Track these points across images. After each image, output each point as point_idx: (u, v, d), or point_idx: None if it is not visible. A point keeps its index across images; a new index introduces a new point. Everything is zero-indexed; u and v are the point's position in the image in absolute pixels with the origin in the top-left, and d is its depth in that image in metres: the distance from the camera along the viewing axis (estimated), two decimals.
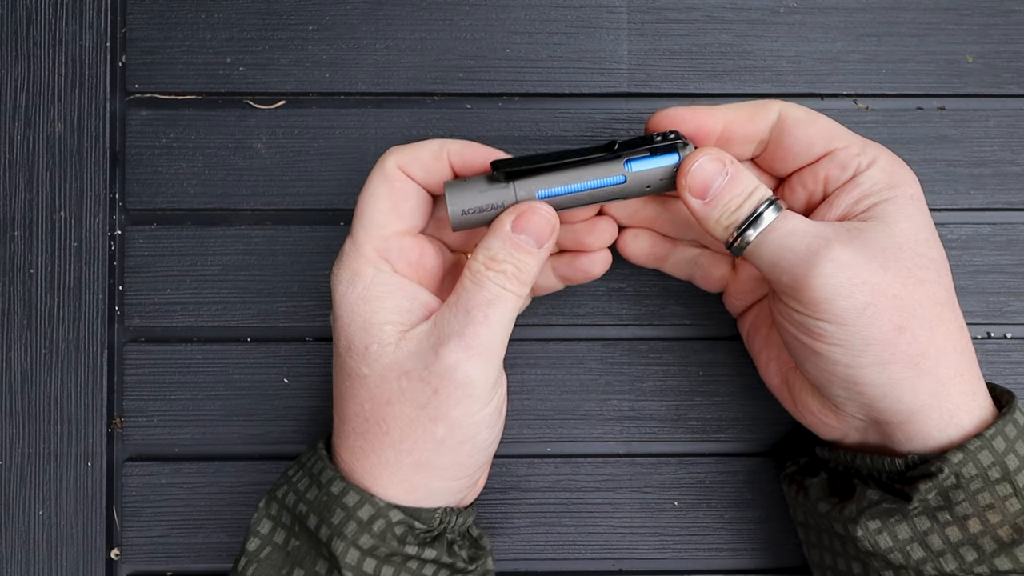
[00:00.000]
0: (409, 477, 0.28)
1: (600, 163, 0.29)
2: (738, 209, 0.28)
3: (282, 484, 0.30)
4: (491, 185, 0.28)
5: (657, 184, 0.29)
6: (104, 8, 0.37)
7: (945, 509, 0.27)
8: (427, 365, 0.27)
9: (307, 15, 0.37)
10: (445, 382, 0.27)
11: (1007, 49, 0.37)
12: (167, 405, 0.36)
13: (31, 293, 0.36)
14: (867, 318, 0.26)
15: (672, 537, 0.36)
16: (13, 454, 0.36)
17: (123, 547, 0.36)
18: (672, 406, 0.37)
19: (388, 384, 0.28)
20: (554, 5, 0.37)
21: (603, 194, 0.29)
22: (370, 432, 0.28)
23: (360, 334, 0.28)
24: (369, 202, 0.29)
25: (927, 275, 0.27)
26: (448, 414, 0.27)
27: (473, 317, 0.27)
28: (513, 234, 0.28)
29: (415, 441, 0.28)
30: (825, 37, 0.37)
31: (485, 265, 0.28)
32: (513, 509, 0.36)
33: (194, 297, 0.36)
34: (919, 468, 0.28)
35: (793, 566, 0.36)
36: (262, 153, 0.37)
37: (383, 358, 0.28)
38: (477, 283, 0.28)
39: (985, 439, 0.27)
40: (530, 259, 0.28)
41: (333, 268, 0.29)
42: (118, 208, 0.37)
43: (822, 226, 0.28)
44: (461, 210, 0.28)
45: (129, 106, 0.37)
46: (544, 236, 0.28)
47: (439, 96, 0.37)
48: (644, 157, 0.29)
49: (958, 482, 0.27)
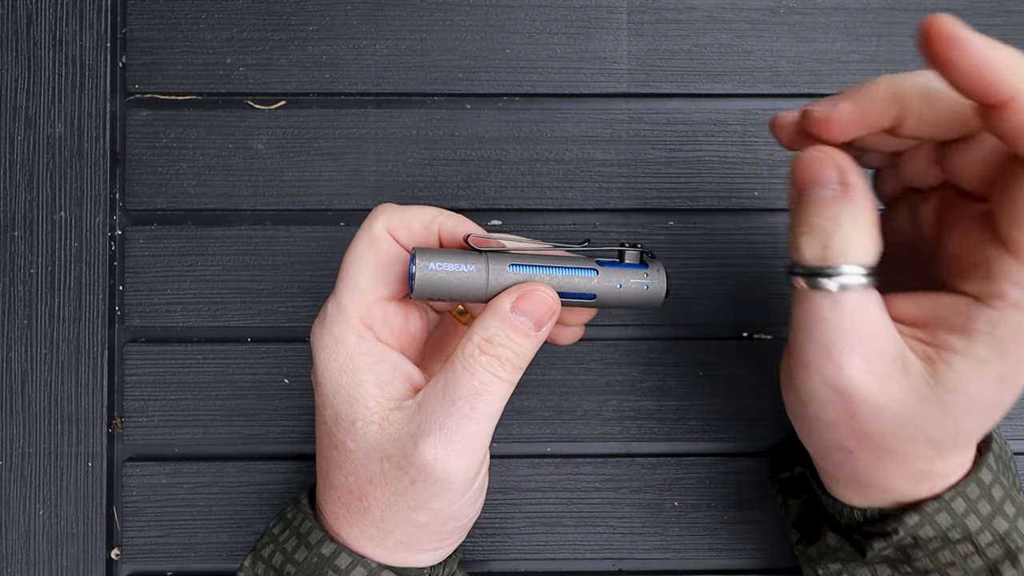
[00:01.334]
0: (394, 550, 0.28)
1: (572, 256, 0.28)
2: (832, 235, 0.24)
3: (268, 543, 0.29)
4: (463, 253, 0.27)
5: (628, 286, 0.28)
6: (104, 8, 0.37)
7: (904, 563, 0.26)
8: (406, 455, 0.26)
9: (307, 15, 0.37)
10: (423, 476, 0.26)
11: None
12: (167, 405, 0.36)
13: (31, 293, 0.36)
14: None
15: (672, 537, 0.36)
16: (13, 454, 0.36)
17: (123, 547, 0.36)
18: (672, 406, 0.37)
19: (371, 464, 0.26)
20: (554, 5, 0.37)
21: (575, 283, 0.28)
22: (354, 505, 0.27)
23: (346, 408, 0.27)
24: (355, 265, 0.27)
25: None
26: (428, 505, 0.26)
27: (459, 408, 0.25)
28: (513, 315, 0.26)
29: (396, 524, 0.27)
30: (825, 37, 0.37)
31: (480, 348, 0.26)
32: (513, 509, 0.36)
33: (194, 297, 0.36)
34: (876, 525, 0.27)
35: (793, 566, 0.36)
36: (262, 153, 0.37)
37: (368, 436, 0.26)
38: (468, 369, 0.26)
39: (944, 501, 0.25)
40: (527, 343, 0.27)
41: (314, 328, 0.28)
42: (118, 208, 0.37)
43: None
44: (428, 266, 0.26)
45: (129, 106, 0.37)
46: (544, 319, 0.27)
47: (439, 96, 0.37)
48: (613, 262, 0.29)
49: (915, 542, 0.26)
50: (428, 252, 0.27)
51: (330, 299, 0.28)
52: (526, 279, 0.27)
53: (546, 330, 0.27)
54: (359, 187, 0.37)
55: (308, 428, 0.36)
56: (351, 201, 0.37)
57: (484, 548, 0.36)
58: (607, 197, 0.37)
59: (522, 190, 0.37)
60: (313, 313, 0.36)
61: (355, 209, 0.37)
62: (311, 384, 0.36)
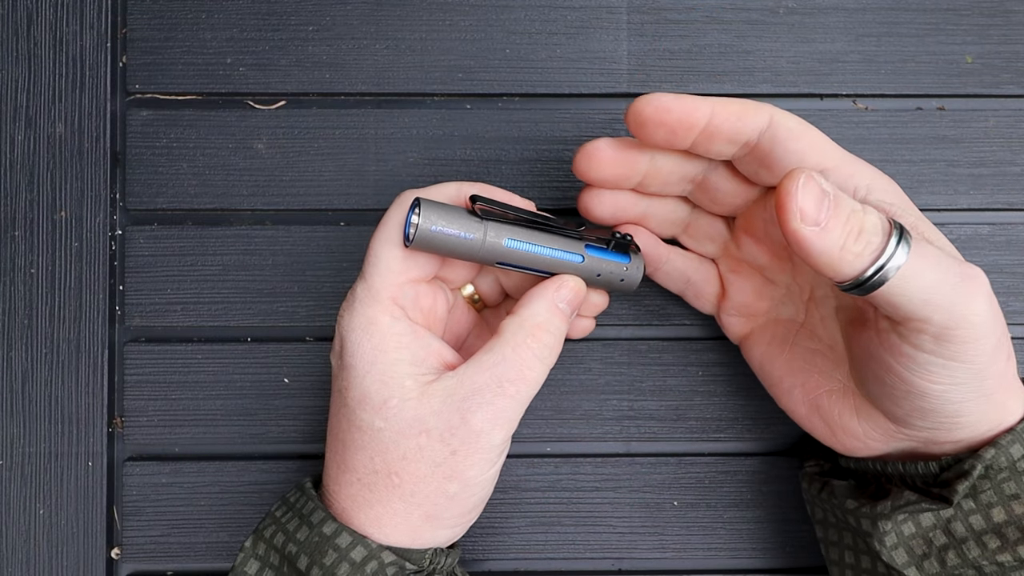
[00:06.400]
0: (417, 526, 0.28)
1: (566, 237, 0.30)
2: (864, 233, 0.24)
3: (269, 523, 0.29)
4: (465, 216, 0.28)
5: (607, 276, 0.30)
6: (104, 8, 0.37)
7: (970, 497, 0.27)
8: (451, 427, 0.27)
9: (307, 15, 0.37)
10: (467, 446, 0.27)
11: (1006, 49, 0.37)
12: (167, 405, 0.36)
13: (32, 293, 0.36)
14: (993, 355, 0.25)
15: (671, 537, 0.36)
16: (14, 454, 0.36)
17: (123, 547, 0.36)
18: (671, 406, 0.37)
19: (406, 440, 0.27)
20: (554, 5, 0.37)
21: (559, 266, 0.29)
22: (379, 484, 0.28)
23: (378, 387, 0.27)
24: (385, 247, 0.28)
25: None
26: (464, 473, 0.27)
27: (505, 391, 0.27)
28: (560, 304, 0.29)
29: (426, 495, 0.27)
30: (825, 37, 0.37)
31: (531, 334, 0.28)
32: (513, 509, 0.36)
33: (194, 297, 0.37)
34: (953, 468, 0.28)
35: (793, 566, 0.36)
36: (262, 153, 0.37)
37: (404, 412, 0.27)
38: (517, 352, 0.28)
39: (1017, 433, 0.27)
40: (565, 328, 0.29)
41: (342, 312, 0.29)
42: (119, 208, 0.37)
43: (944, 252, 0.25)
44: (430, 228, 0.27)
45: (129, 106, 0.37)
46: (577, 305, 0.29)
47: (439, 96, 0.37)
48: (601, 249, 0.30)
49: (986, 473, 0.27)
50: (433, 209, 0.27)
51: (358, 283, 0.29)
52: (517, 255, 0.28)
53: (574, 316, 0.29)
54: (359, 187, 0.37)
55: (308, 428, 0.37)
56: (351, 201, 0.37)
57: (484, 547, 0.36)
58: None
59: (522, 190, 0.37)
60: (313, 313, 0.37)
61: (355, 209, 0.37)
62: (311, 384, 0.37)
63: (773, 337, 0.32)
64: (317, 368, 0.36)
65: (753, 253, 0.32)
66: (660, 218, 0.32)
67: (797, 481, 0.36)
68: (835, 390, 0.30)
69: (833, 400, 0.30)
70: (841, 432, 0.30)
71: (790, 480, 0.36)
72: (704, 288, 0.33)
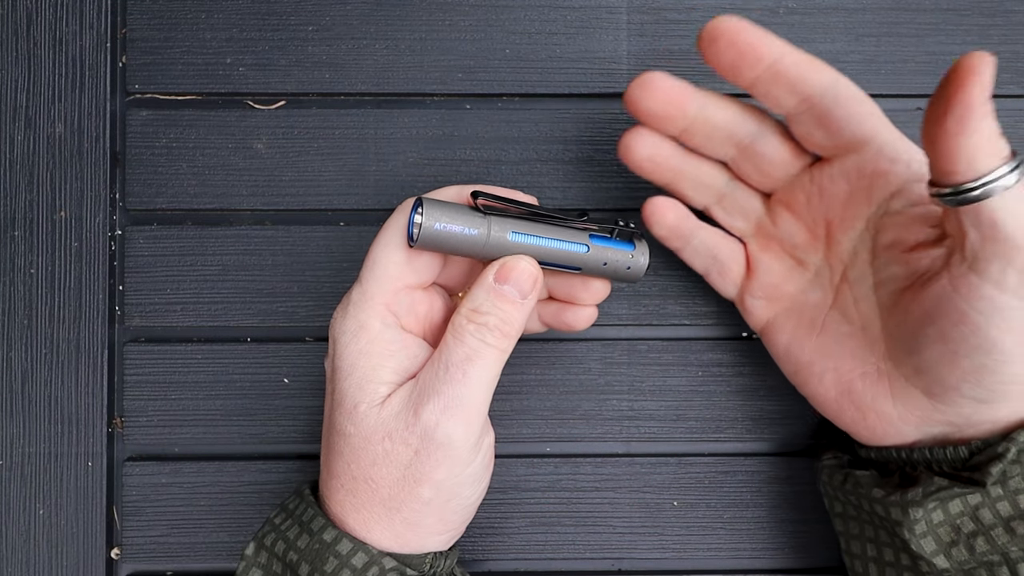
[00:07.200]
0: (401, 532, 0.28)
1: (570, 228, 0.30)
2: (1000, 139, 0.24)
3: (269, 531, 0.29)
4: (468, 213, 0.28)
5: (613, 264, 0.30)
6: (104, 8, 0.37)
7: (998, 484, 0.27)
8: (407, 426, 0.27)
9: (307, 15, 0.37)
10: (425, 443, 0.26)
11: (1006, 50, 0.37)
12: (167, 405, 0.36)
13: (31, 293, 0.36)
14: None
15: (671, 537, 0.36)
16: (13, 454, 0.36)
17: (123, 547, 0.36)
18: (671, 406, 0.37)
19: (372, 446, 0.27)
20: (554, 5, 0.37)
21: (565, 257, 0.29)
22: (359, 490, 0.28)
23: (353, 390, 0.27)
24: (384, 252, 0.28)
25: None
26: (431, 476, 0.27)
27: (452, 375, 0.26)
28: (496, 284, 0.28)
29: (403, 501, 0.27)
30: (825, 37, 0.37)
31: (467, 318, 0.27)
32: (512, 509, 0.36)
33: (194, 297, 0.37)
34: (984, 452, 0.27)
35: (793, 567, 0.36)
36: (262, 153, 0.37)
37: (368, 419, 0.27)
38: (457, 338, 0.27)
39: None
40: (514, 310, 0.28)
41: (335, 315, 0.29)
42: (118, 208, 0.37)
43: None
44: (434, 226, 0.27)
45: (129, 106, 0.37)
46: (527, 288, 0.28)
47: (439, 96, 0.37)
48: (605, 238, 0.30)
49: (1018, 458, 0.27)
50: (435, 207, 0.27)
51: (354, 287, 0.29)
52: (522, 248, 0.28)
53: (532, 298, 0.28)
54: (359, 187, 0.37)
55: (308, 428, 0.37)
56: (351, 201, 0.37)
57: (483, 548, 0.36)
58: (607, 197, 0.37)
59: (522, 190, 0.37)
60: (313, 313, 0.37)
61: (355, 209, 0.37)
62: (311, 384, 0.37)
63: (800, 321, 0.32)
64: (317, 368, 0.36)
65: (790, 230, 0.31)
66: (695, 180, 0.31)
67: (797, 481, 0.36)
68: (869, 373, 0.30)
69: (867, 383, 0.30)
70: (874, 417, 0.29)
71: (790, 480, 0.36)
72: (730, 266, 0.33)
